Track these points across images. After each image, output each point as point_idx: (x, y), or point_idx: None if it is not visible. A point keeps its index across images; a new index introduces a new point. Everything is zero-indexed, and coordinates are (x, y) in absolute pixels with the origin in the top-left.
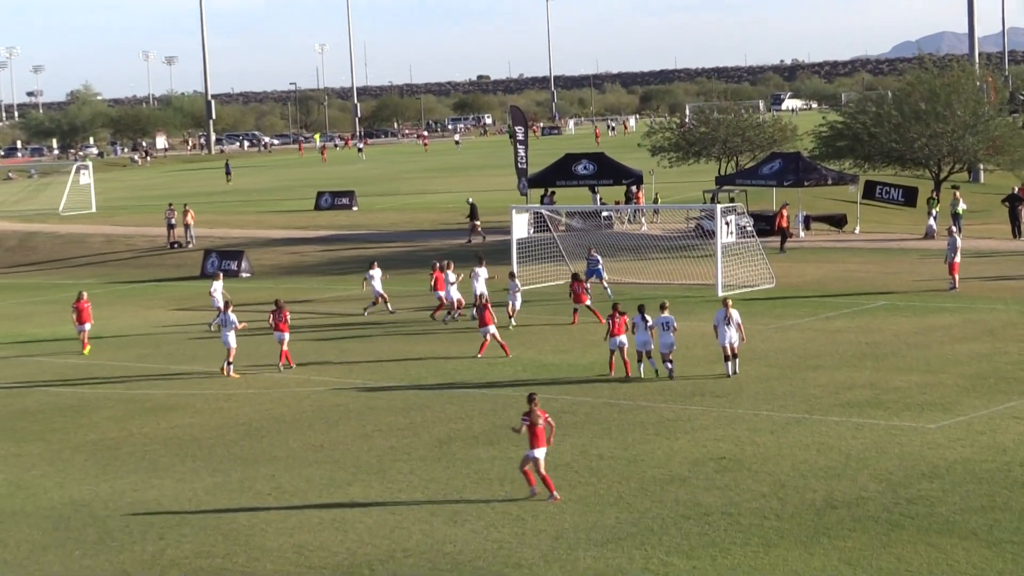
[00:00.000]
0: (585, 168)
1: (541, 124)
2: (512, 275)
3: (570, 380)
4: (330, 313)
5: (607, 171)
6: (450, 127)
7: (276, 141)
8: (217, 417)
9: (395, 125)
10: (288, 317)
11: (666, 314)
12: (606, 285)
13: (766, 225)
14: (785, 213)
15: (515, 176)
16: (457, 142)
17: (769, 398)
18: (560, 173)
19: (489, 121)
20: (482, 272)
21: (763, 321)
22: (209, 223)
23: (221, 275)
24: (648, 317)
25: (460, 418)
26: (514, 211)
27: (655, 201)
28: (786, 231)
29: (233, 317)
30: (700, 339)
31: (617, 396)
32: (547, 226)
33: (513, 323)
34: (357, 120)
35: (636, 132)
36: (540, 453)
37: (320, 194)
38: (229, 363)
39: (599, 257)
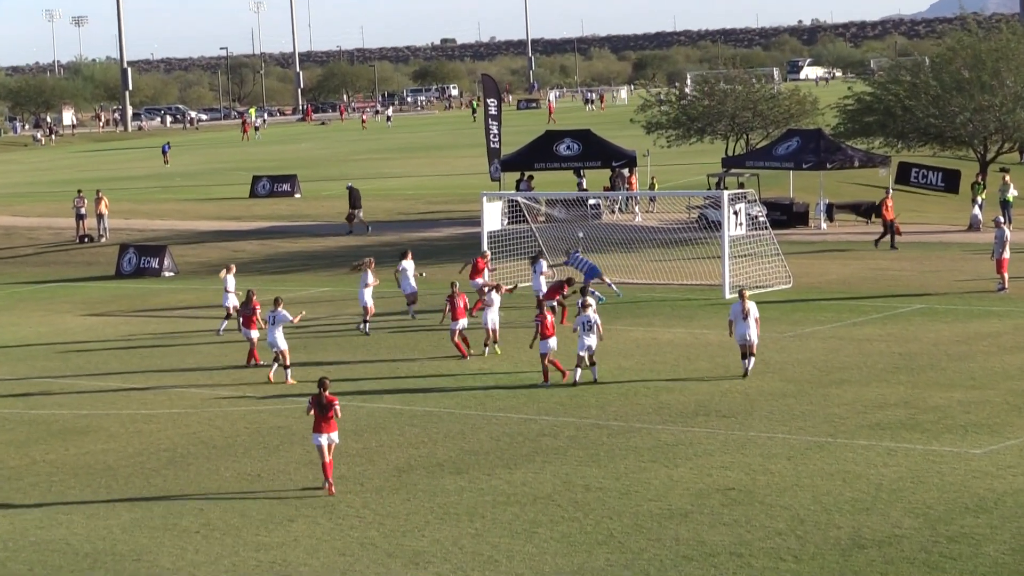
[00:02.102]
0: (569, 148)
1: (517, 97)
2: (540, 255)
3: (551, 397)
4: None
5: (595, 152)
6: (409, 99)
7: (204, 116)
8: (136, 441)
9: (344, 97)
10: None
11: (588, 313)
12: (610, 282)
13: (781, 214)
14: (890, 204)
15: (486, 157)
16: (388, 118)
17: (785, 419)
18: (539, 154)
19: (455, 92)
20: (370, 279)
21: (779, 328)
22: (126, 213)
23: (234, 267)
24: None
25: (422, 442)
26: (485, 199)
27: (651, 187)
28: (893, 224)
29: (285, 313)
30: (704, 349)
31: (607, 416)
32: (524, 216)
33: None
34: (300, 91)
35: (628, 105)
36: (325, 439)
37: (257, 179)
38: (286, 368)
39: (579, 253)
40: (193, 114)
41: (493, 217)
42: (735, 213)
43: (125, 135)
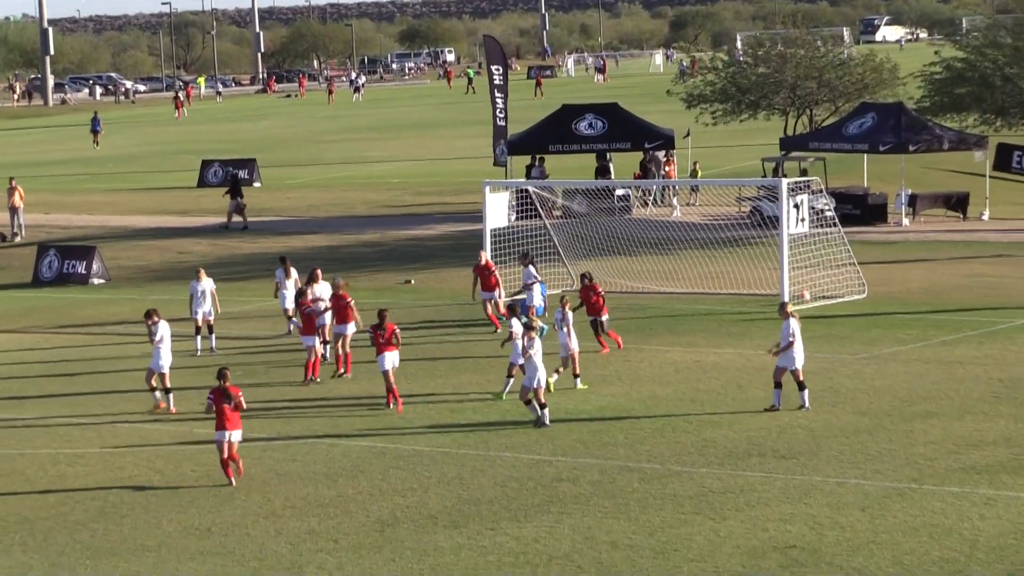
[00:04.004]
0: (591, 126)
1: (539, 68)
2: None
3: (568, 433)
4: (222, 337)
5: (623, 130)
6: (395, 66)
7: (143, 87)
8: (57, 487)
9: (316, 63)
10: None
11: (536, 337)
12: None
13: (853, 208)
14: None
15: (490, 138)
16: (358, 89)
17: (859, 459)
18: (555, 133)
19: (451, 57)
20: (289, 283)
21: (851, 348)
22: (45, 205)
23: (203, 271)
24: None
25: (410, 489)
26: (488, 188)
27: (692, 174)
28: None
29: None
30: (758, 375)
31: (638, 457)
32: (536, 210)
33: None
34: (259, 56)
35: (665, 73)
36: (227, 436)
37: (207, 164)
38: (167, 391)
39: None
40: (129, 84)
41: (498, 211)
42: (796, 206)
43: (45, 110)
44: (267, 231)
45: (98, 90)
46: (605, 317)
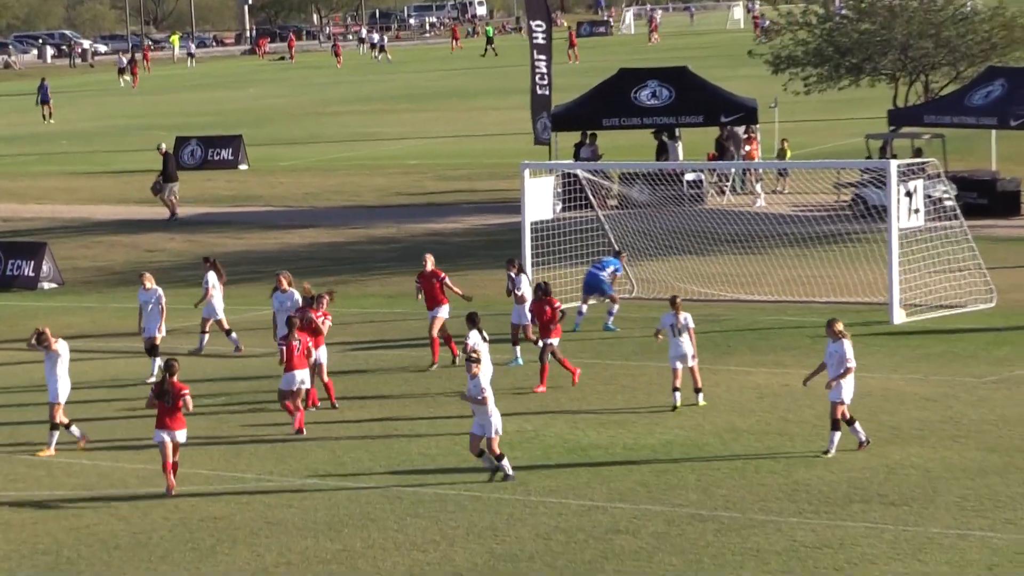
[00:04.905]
0: (655, 96)
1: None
2: (513, 264)
3: (628, 475)
4: (199, 355)
5: (694, 101)
6: (412, 21)
7: (104, 47)
8: (3, 539)
9: (315, 18)
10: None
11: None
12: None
13: (979, 197)
14: None
15: (528, 110)
16: (382, 48)
17: (986, 507)
18: (610, 104)
19: (481, 11)
20: (214, 281)
21: (976, 369)
22: None
23: (148, 277)
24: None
25: (432, 542)
26: (527, 172)
27: (780, 154)
28: None
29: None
30: (860, 401)
31: (713, 503)
32: (586, 199)
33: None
34: (247, 9)
35: (745, 30)
36: (168, 436)
37: (183, 141)
38: (68, 427)
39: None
40: (86, 44)
41: (540, 200)
42: (909, 195)
43: None
44: (256, 224)
45: (49, 51)
46: (555, 340)
